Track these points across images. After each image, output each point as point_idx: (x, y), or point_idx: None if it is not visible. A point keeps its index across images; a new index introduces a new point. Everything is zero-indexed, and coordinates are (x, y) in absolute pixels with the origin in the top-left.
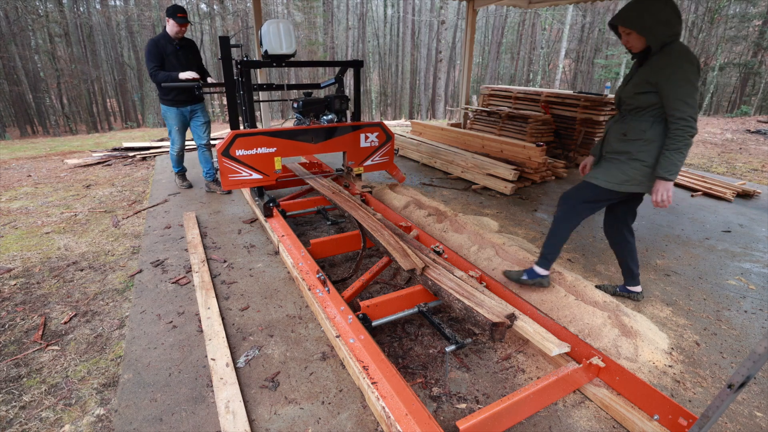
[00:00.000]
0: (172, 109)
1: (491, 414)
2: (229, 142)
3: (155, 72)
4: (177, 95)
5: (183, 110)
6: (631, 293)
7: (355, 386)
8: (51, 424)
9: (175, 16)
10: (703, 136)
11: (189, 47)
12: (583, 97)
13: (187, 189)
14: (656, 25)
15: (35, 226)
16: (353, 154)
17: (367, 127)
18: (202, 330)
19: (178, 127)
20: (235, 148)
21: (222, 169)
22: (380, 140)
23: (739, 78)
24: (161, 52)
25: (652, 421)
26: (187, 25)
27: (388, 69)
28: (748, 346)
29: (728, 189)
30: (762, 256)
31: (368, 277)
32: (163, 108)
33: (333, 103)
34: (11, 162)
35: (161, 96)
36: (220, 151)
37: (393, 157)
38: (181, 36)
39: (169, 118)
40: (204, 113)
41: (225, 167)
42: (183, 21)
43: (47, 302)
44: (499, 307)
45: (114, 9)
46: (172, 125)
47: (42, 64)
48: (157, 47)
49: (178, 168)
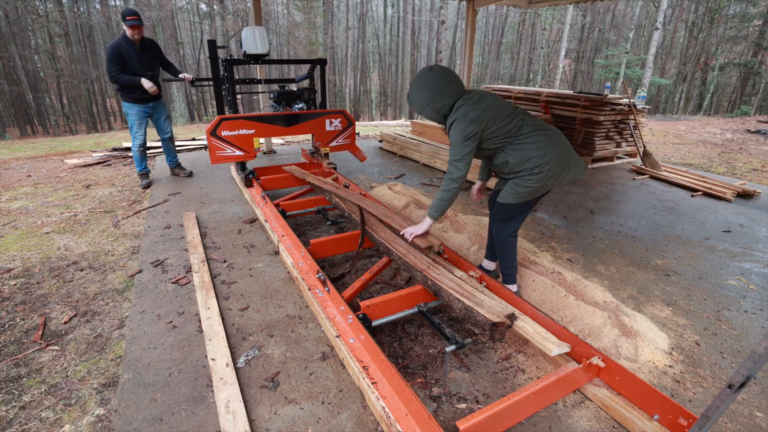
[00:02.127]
0: (134, 106)
1: (491, 414)
2: (216, 124)
3: (117, 76)
4: (141, 94)
5: (145, 107)
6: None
7: (355, 386)
8: (51, 424)
9: (125, 20)
10: (703, 136)
11: (150, 48)
12: (583, 97)
13: (144, 188)
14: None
15: (35, 226)
16: (320, 136)
17: (332, 113)
18: (202, 330)
19: (140, 122)
20: (220, 130)
21: (210, 147)
22: (343, 125)
23: (739, 78)
24: (123, 56)
25: (652, 421)
26: (140, 27)
27: (388, 69)
28: (748, 346)
29: (728, 189)
30: (762, 256)
31: (368, 277)
32: (125, 105)
33: (303, 94)
34: (11, 162)
35: (123, 94)
36: (208, 131)
37: (355, 140)
38: (140, 38)
39: (131, 115)
40: (164, 108)
41: (213, 145)
42: (133, 23)
43: (47, 302)
44: (499, 307)
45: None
46: (134, 121)
47: (42, 64)
48: (119, 51)
49: (141, 166)
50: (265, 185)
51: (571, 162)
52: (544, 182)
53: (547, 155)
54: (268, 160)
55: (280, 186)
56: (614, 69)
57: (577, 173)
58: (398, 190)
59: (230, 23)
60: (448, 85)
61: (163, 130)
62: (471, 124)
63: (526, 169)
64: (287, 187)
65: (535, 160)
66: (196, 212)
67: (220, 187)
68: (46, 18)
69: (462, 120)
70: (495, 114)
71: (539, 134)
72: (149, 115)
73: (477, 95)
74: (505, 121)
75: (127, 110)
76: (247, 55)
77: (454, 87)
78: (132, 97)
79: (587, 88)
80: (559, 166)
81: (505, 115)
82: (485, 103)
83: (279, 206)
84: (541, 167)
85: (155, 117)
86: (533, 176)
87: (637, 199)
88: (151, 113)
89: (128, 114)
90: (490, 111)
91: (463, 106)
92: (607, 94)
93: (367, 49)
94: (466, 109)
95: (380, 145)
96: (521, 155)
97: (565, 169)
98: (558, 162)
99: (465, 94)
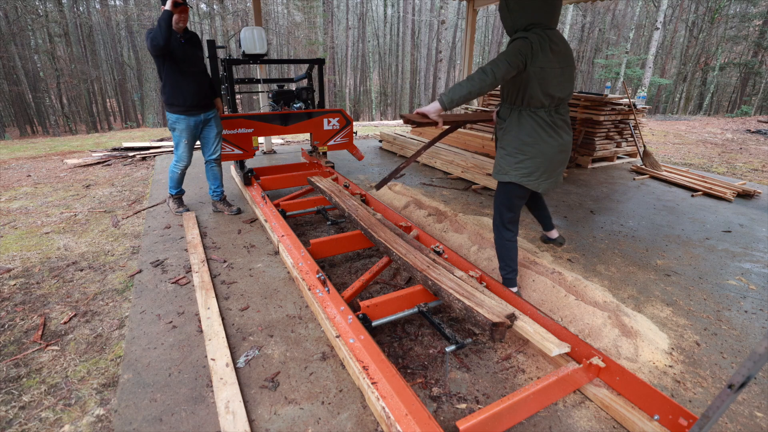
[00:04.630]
0: (181, 119)
1: (491, 414)
2: None
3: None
4: (188, 99)
5: (196, 119)
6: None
7: (355, 386)
8: (51, 424)
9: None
10: (703, 136)
11: (194, 42)
12: (583, 97)
13: (183, 214)
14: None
15: (35, 226)
16: (318, 135)
17: (330, 113)
18: (201, 330)
19: (188, 140)
20: None
21: None
22: (341, 124)
23: (740, 78)
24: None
25: (653, 422)
26: (187, 11)
27: (388, 69)
28: (749, 346)
29: (728, 189)
30: (762, 256)
31: (368, 277)
32: (171, 118)
33: (301, 93)
34: (11, 162)
35: (168, 102)
36: None
37: (352, 139)
38: (183, 27)
39: (177, 130)
40: (218, 123)
41: None
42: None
43: (47, 302)
44: (499, 307)
45: (114, 9)
46: (180, 138)
47: (42, 63)
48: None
49: (177, 189)
50: (265, 185)
51: (554, 175)
52: (518, 172)
53: (528, 152)
54: (268, 160)
55: (280, 186)
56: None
57: (549, 186)
58: (398, 190)
59: (230, 23)
60: (540, 7)
61: (209, 149)
62: (517, 57)
63: (512, 145)
64: (287, 187)
65: (525, 148)
66: (196, 212)
67: None
68: (45, 18)
69: (516, 44)
70: (545, 75)
71: (550, 131)
72: (198, 130)
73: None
74: (544, 91)
75: (172, 124)
76: (246, 55)
77: (540, 15)
78: (177, 106)
79: (587, 88)
80: (541, 171)
81: (551, 87)
82: (546, 59)
83: (279, 206)
84: (523, 154)
85: (204, 133)
86: (511, 158)
87: (637, 199)
88: (202, 128)
89: (174, 129)
90: (543, 67)
91: (528, 37)
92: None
93: (367, 49)
94: (527, 42)
95: (380, 145)
96: (521, 130)
97: (543, 176)
98: (539, 167)
99: (544, 31)
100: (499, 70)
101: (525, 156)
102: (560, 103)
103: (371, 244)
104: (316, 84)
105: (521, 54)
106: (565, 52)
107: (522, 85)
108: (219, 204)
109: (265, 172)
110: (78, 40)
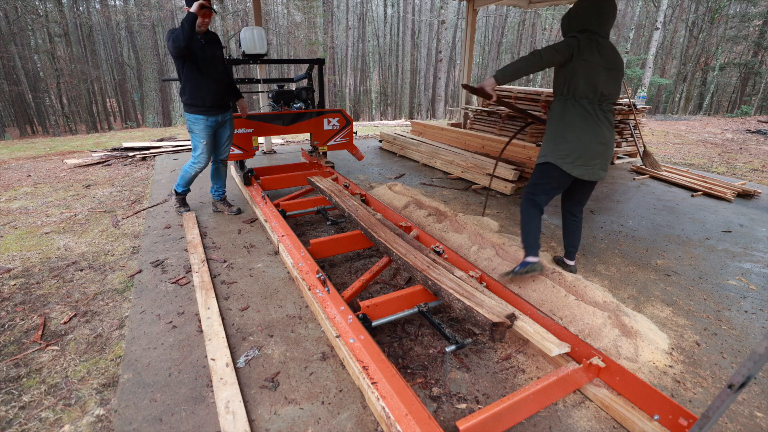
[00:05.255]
0: (200, 119)
1: (491, 414)
2: None
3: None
4: (207, 100)
5: (213, 119)
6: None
7: (355, 386)
8: (51, 424)
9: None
10: (703, 136)
11: (215, 42)
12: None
13: (183, 214)
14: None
15: (35, 226)
16: (318, 135)
17: (330, 113)
18: (201, 330)
19: (207, 141)
20: None
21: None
22: (341, 124)
23: (740, 78)
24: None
25: (653, 422)
26: (211, 15)
27: (388, 69)
28: (749, 346)
29: (728, 189)
30: (762, 256)
31: (368, 277)
32: (189, 117)
33: (301, 93)
34: (11, 162)
35: (188, 103)
36: None
37: (353, 139)
38: (205, 29)
39: (196, 131)
40: (232, 124)
41: None
42: (206, 8)
43: (47, 302)
44: (499, 307)
45: (114, 9)
46: (199, 140)
47: (42, 63)
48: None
49: (184, 188)
50: (265, 185)
51: (590, 163)
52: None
53: (565, 137)
54: (268, 160)
55: (280, 186)
56: None
57: (584, 173)
58: (398, 190)
59: (230, 23)
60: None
61: (221, 149)
62: (564, 48)
63: (555, 130)
64: (287, 186)
65: (566, 133)
66: (196, 212)
67: None
68: (45, 18)
69: (566, 39)
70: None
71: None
72: (214, 130)
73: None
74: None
75: (191, 125)
76: (246, 55)
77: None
78: (197, 107)
79: None
80: (576, 156)
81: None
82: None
83: (279, 206)
84: (563, 138)
85: (219, 133)
86: (552, 141)
87: (637, 199)
88: (216, 129)
89: (193, 131)
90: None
91: (577, 36)
92: None
93: (367, 49)
94: (575, 40)
95: (380, 145)
96: (564, 117)
97: (579, 161)
98: (575, 150)
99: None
100: (546, 54)
101: (564, 140)
102: (604, 100)
103: (371, 244)
104: (316, 84)
105: (569, 46)
106: (614, 59)
107: (569, 76)
108: (219, 204)
109: (265, 172)
110: (78, 40)
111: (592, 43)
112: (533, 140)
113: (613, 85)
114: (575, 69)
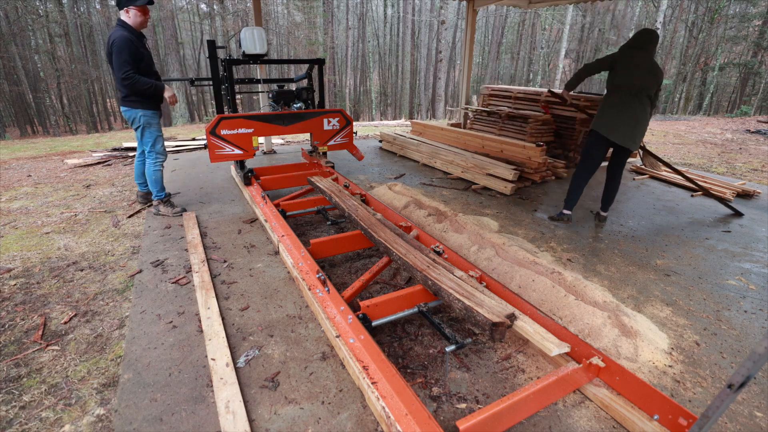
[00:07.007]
0: (156, 114)
1: (491, 414)
2: (215, 123)
3: (135, 77)
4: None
5: (160, 114)
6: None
7: (355, 386)
8: (51, 424)
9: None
10: (703, 136)
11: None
12: (584, 97)
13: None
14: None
15: (35, 226)
16: (318, 135)
17: (330, 113)
18: (202, 330)
19: (160, 133)
20: (220, 129)
21: (210, 145)
22: (341, 124)
23: (739, 78)
24: (138, 52)
25: (652, 421)
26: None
27: (388, 69)
28: (748, 346)
29: (728, 189)
30: (762, 256)
31: (368, 277)
32: (145, 113)
33: (301, 93)
34: (11, 162)
35: (141, 99)
36: (208, 130)
37: (353, 139)
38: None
39: (154, 126)
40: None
41: (212, 144)
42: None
43: (47, 302)
44: (499, 307)
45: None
46: (155, 133)
47: (42, 64)
48: (133, 45)
49: (165, 191)
50: (265, 185)
51: (621, 131)
52: (596, 123)
53: (607, 113)
54: (268, 160)
55: (280, 186)
56: None
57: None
58: (398, 190)
59: (230, 23)
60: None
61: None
62: (606, 59)
63: (600, 109)
64: (287, 186)
65: (606, 109)
66: (196, 212)
67: (220, 187)
68: (46, 18)
69: (609, 54)
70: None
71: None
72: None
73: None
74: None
75: (148, 120)
76: (246, 55)
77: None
78: (152, 103)
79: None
80: (611, 124)
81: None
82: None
83: (279, 206)
84: (603, 112)
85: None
86: (597, 117)
87: (637, 199)
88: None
89: (150, 125)
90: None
91: (616, 52)
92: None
93: (367, 49)
94: (614, 54)
95: (380, 145)
96: (607, 100)
97: (612, 127)
98: (611, 121)
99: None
100: (591, 65)
101: (603, 113)
102: (639, 91)
103: (371, 244)
104: (316, 84)
105: (609, 58)
106: (650, 68)
107: (612, 75)
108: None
109: (265, 172)
110: (78, 40)
111: (629, 56)
112: (533, 140)
113: (648, 80)
114: (616, 72)
